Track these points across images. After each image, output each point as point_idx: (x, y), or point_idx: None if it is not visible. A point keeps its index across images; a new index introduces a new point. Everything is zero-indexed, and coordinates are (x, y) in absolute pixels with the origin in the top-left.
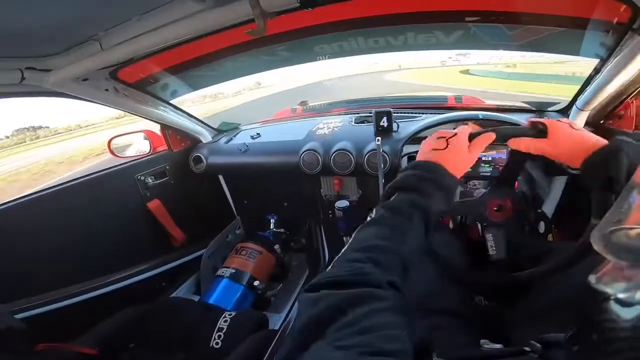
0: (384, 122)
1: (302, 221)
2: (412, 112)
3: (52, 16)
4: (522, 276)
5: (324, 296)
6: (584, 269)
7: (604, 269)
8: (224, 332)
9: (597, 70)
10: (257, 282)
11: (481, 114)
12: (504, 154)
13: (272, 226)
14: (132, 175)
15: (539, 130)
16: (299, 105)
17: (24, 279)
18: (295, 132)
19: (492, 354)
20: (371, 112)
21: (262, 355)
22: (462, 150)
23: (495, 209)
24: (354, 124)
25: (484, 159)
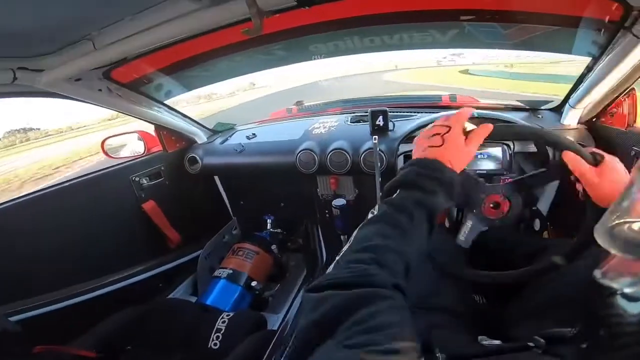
0: (379, 121)
1: (299, 221)
2: (407, 111)
3: (44, 16)
4: (517, 274)
5: (328, 296)
6: (581, 266)
7: (608, 263)
8: (222, 332)
9: (590, 68)
10: (254, 283)
11: (476, 113)
12: (499, 151)
13: (269, 226)
14: (126, 176)
15: (594, 157)
16: (294, 105)
17: (19, 280)
18: (291, 131)
19: (495, 350)
20: (367, 112)
21: (260, 355)
22: (458, 145)
23: (491, 205)
24: (349, 124)
25: (479, 155)
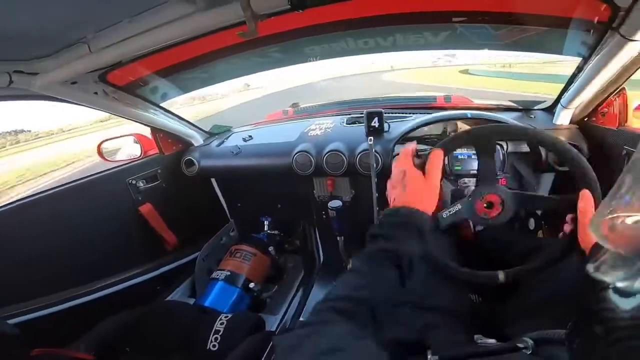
0: (375, 123)
1: (296, 222)
2: (402, 113)
3: (40, 19)
4: (511, 273)
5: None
6: (575, 264)
7: (601, 257)
8: (220, 334)
9: (580, 68)
10: (252, 284)
11: (469, 113)
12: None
13: (266, 228)
14: (123, 179)
15: None
16: (290, 107)
17: (16, 284)
18: (287, 133)
19: (485, 351)
20: (362, 113)
21: (259, 357)
22: (418, 184)
23: (485, 204)
24: (345, 125)
25: (473, 157)
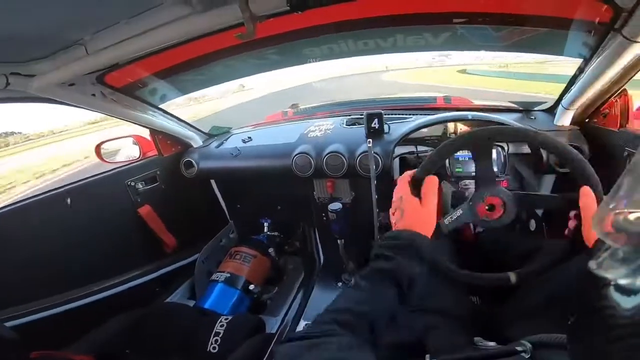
0: (375, 124)
1: (296, 224)
2: (402, 114)
3: (37, 20)
4: (523, 274)
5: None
6: (573, 267)
7: (603, 254)
8: (220, 336)
9: (581, 69)
10: (252, 286)
11: (470, 115)
12: (494, 153)
13: (266, 230)
14: (122, 180)
15: None
16: (290, 108)
17: (14, 286)
18: (286, 135)
19: (483, 355)
20: (362, 114)
21: (260, 358)
22: (415, 209)
23: (487, 206)
24: (345, 126)
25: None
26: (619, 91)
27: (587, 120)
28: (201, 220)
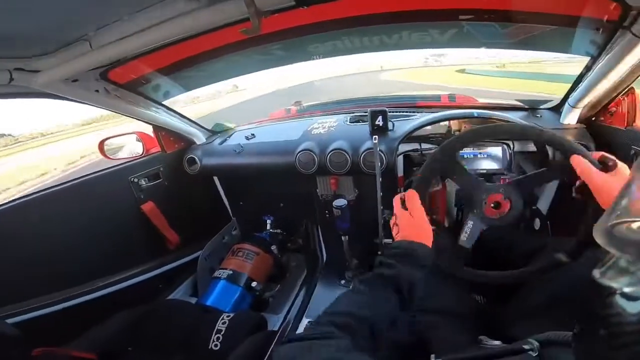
0: (379, 121)
1: (299, 221)
2: (406, 111)
3: (41, 16)
4: (515, 274)
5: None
6: (577, 267)
7: (607, 263)
8: (222, 333)
9: (588, 67)
10: (254, 283)
11: (476, 112)
12: (499, 151)
13: (268, 227)
14: (125, 177)
15: (605, 162)
16: (293, 105)
17: (17, 282)
18: (290, 132)
19: (489, 354)
20: (366, 112)
21: (261, 356)
22: (408, 223)
23: (492, 205)
24: (349, 124)
25: (479, 155)
26: (627, 89)
27: (593, 118)
28: (204, 217)
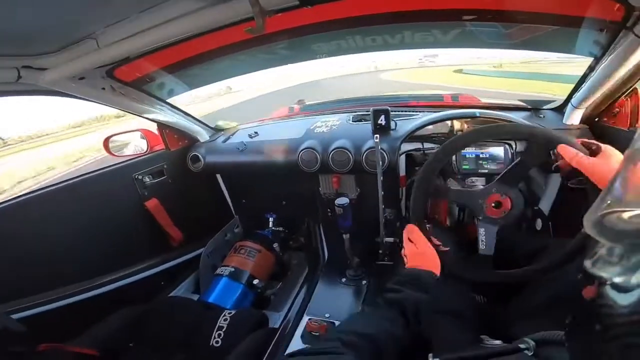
0: (381, 120)
1: (301, 220)
2: (409, 111)
3: (48, 15)
4: (517, 274)
5: None
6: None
7: (598, 253)
8: (224, 330)
9: (592, 68)
10: (256, 281)
11: (478, 112)
12: (501, 151)
13: (271, 225)
14: (129, 174)
15: (589, 147)
16: (296, 103)
17: (21, 278)
18: (293, 130)
19: (486, 353)
20: (369, 111)
21: (262, 353)
22: (415, 253)
23: (493, 204)
24: (351, 122)
25: (481, 155)
26: (630, 90)
27: (596, 119)
28: (207, 214)
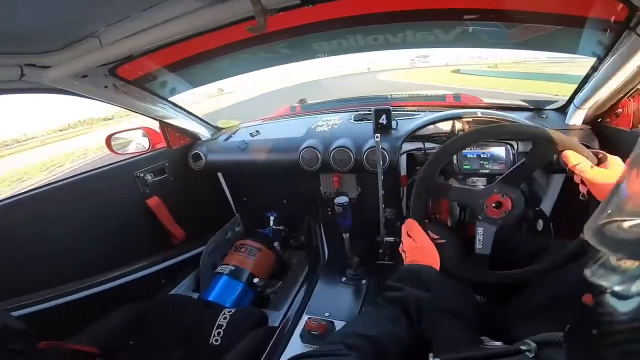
0: (383, 120)
1: (302, 218)
2: (410, 110)
3: (52, 13)
4: (517, 274)
5: None
6: (581, 267)
7: (598, 262)
8: (223, 329)
9: (595, 68)
10: (256, 279)
11: (480, 112)
12: (502, 151)
13: (271, 223)
14: (131, 172)
15: (597, 157)
16: (298, 103)
17: (22, 275)
18: (294, 129)
19: (487, 354)
20: (370, 110)
21: (261, 351)
22: (414, 248)
23: (493, 205)
24: (353, 122)
25: (482, 155)
26: (633, 91)
27: (599, 119)
28: (208, 212)
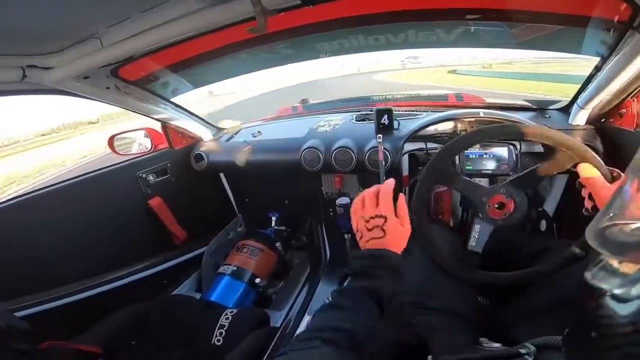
0: (385, 120)
1: (304, 219)
2: (412, 110)
3: (53, 14)
4: (518, 275)
5: None
6: (582, 269)
7: (598, 265)
8: (225, 329)
9: (598, 68)
10: (258, 280)
11: (482, 112)
12: (505, 151)
13: (273, 224)
14: (133, 172)
15: (613, 175)
16: (299, 103)
17: (25, 276)
18: (296, 129)
19: (486, 356)
20: (372, 110)
21: (263, 352)
22: (398, 231)
23: (496, 205)
24: (354, 122)
25: (485, 156)
26: (636, 91)
27: (602, 119)
28: (210, 213)
